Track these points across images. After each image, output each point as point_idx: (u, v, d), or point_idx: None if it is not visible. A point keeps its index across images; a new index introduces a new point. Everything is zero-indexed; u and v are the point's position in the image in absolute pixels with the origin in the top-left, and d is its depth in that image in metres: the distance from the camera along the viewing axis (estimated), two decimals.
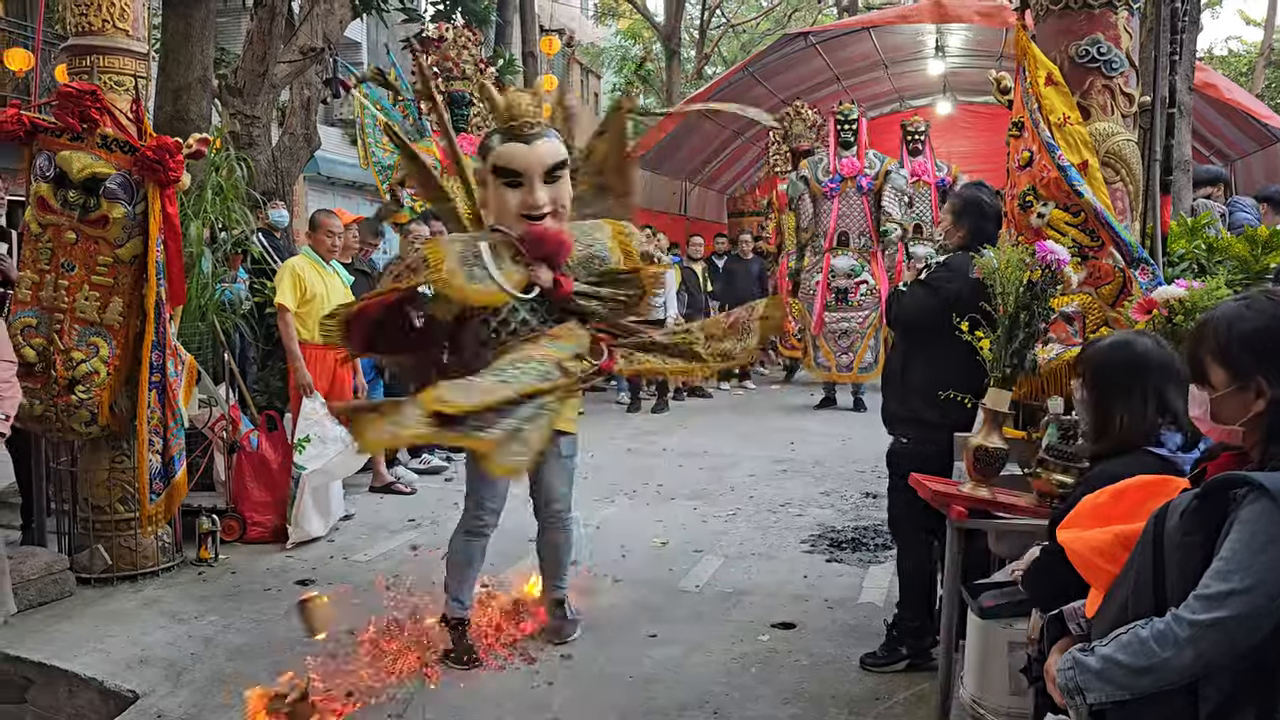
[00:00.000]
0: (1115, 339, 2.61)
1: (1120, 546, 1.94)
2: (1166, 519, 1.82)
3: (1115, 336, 2.67)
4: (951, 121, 15.63)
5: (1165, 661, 1.72)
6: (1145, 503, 1.98)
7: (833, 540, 5.68)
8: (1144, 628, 1.76)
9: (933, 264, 3.97)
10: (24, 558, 4.78)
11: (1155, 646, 1.73)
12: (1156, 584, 1.80)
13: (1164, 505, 1.85)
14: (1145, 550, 1.84)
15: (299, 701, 3.53)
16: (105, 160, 4.75)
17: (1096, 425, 2.52)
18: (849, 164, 10.70)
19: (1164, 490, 2.02)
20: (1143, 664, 1.74)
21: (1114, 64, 3.42)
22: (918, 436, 3.88)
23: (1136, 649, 1.75)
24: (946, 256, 3.92)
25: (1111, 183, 3.39)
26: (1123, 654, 1.77)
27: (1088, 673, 1.81)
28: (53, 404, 4.81)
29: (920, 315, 3.86)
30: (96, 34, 4.88)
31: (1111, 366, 2.50)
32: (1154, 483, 2.10)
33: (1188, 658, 1.70)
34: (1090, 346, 2.64)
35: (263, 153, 8.67)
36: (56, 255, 4.81)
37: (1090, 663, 1.81)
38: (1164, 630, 1.73)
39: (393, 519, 6.25)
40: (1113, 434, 2.45)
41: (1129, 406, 2.43)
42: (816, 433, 9.22)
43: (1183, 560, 1.77)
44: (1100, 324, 3.32)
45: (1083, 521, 2.10)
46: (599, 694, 3.76)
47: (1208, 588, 1.69)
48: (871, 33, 13.67)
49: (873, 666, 3.92)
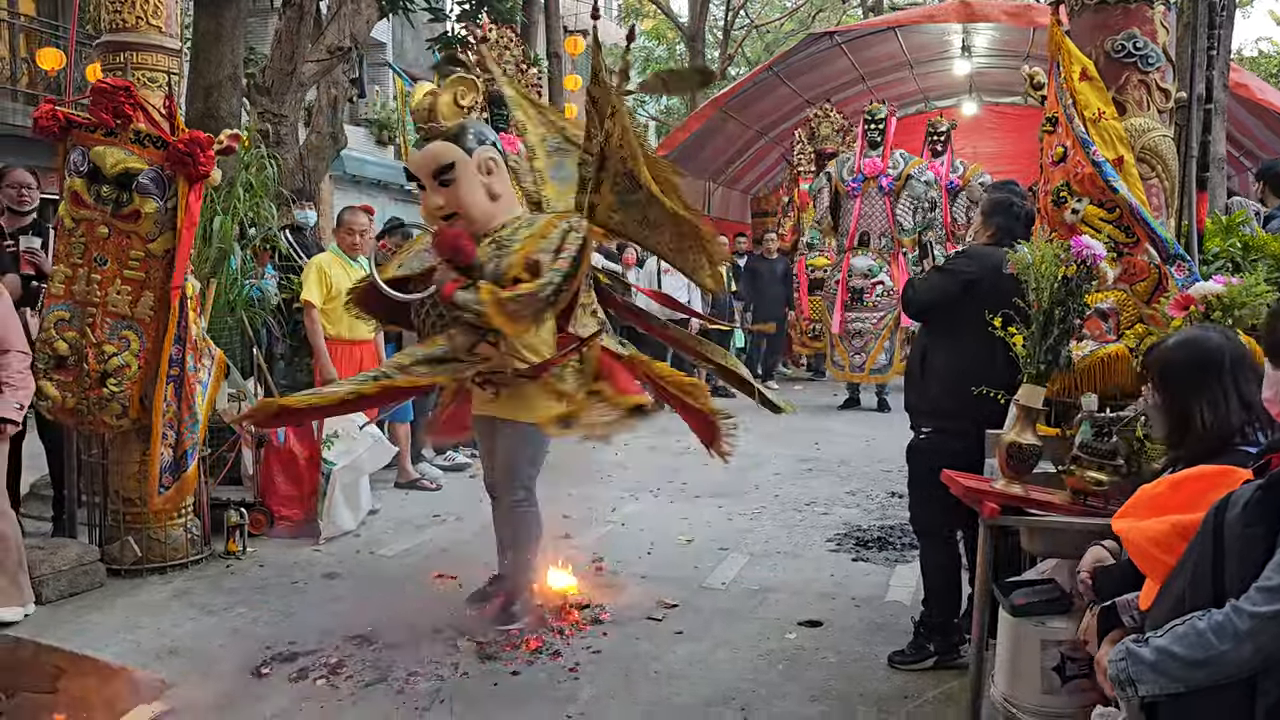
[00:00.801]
0: (1182, 336, 2.48)
1: (1177, 537, 1.89)
2: (1228, 510, 1.78)
3: (1182, 334, 2.53)
4: (977, 122, 15.53)
5: (1223, 654, 1.68)
6: (1205, 493, 1.92)
7: (859, 539, 5.66)
8: (1201, 619, 1.73)
9: (951, 254, 3.98)
10: (55, 549, 4.83)
11: (1213, 639, 1.69)
12: (1216, 575, 1.76)
13: (1225, 496, 1.80)
14: (1205, 541, 1.80)
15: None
16: (138, 155, 4.80)
17: (1173, 428, 2.39)
18: (871, 164, 10.66)
19: (1224, 481, 1.96)
20: (1199, 656, 1.70)
21: (1150, 59, 3.39)
22: (937, 429, 3.87)
23: (1193, 641, 1.72)
24: (965, 247, 3.93)
25: (1147, 179, 3.36)
26: (1178, 646, 1.73)
27: (1141, 664, 1.78)
28: (85, 397, 4.85)
29: (933, 296, 3.86)
30: (130, 30, 4.93)
31: (1182, 364, 2.38)
32: (1215, 473, 2.04)
33: (1247, 651, 1.66)
34: (1156, 346, 2.51)
35: (290, 151, 8.72)
36: (89, 250, 4.86)
37: (1144, 654, 1.78)
38: (1222, 622, 1.69)
39: (418, 514, 6.27)
40: (1195, 435, 2.32)
41: (1208, 404, 2.30)
42: (840, 432, 9.19)
43: (1243, 552, 1.73)
44: (1135, 321, 3.29)
45: (1139, 512, 2.05)
46: (625, 689, 3.76)
47: (1270, 580, 1.65)
48: (897, 32, 13.61)
49: (900, 665, 3.90)
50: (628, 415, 4.09)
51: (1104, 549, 2.45)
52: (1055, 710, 2.97)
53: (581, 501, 6.25)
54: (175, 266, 4.88)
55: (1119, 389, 3.24)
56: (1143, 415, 2.78)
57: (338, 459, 5.72)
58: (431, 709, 3.60)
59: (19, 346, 4.45)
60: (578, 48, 17.04)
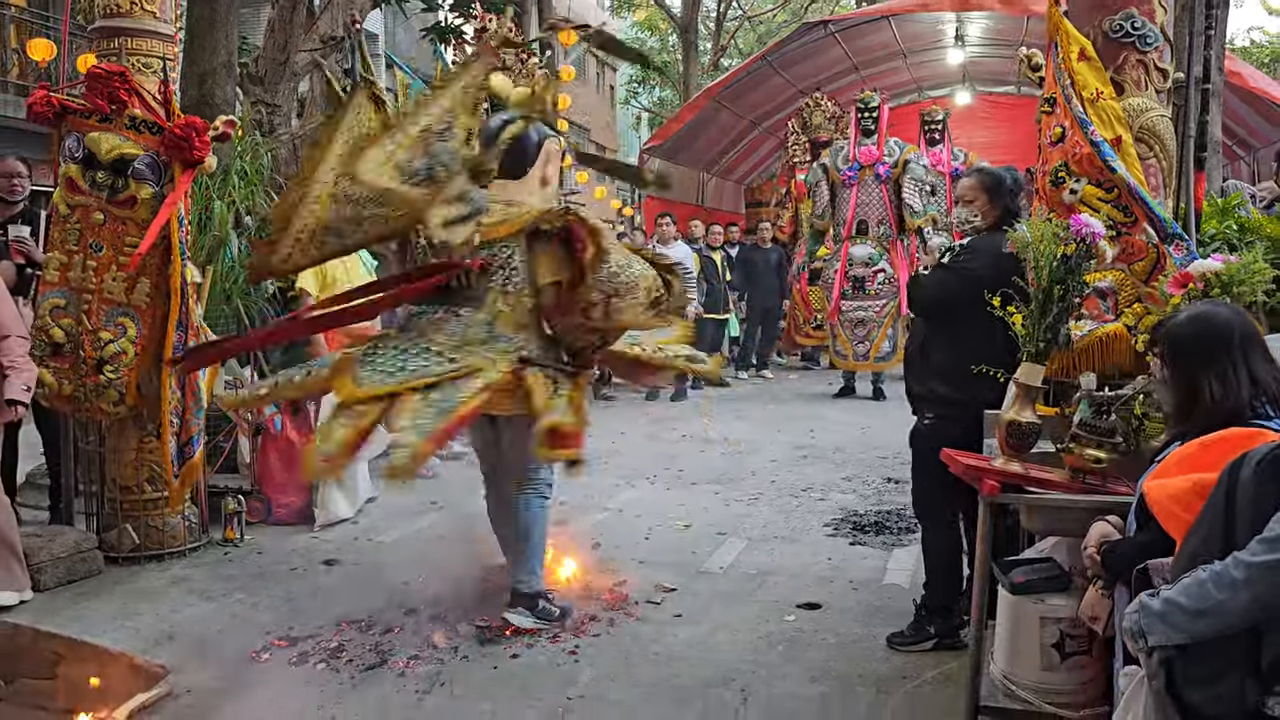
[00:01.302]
0: (1193, 311, 2.47)
1: (1196, 495, 1.90)
2: (1242, 468, 1.80)
3: (1192, 308, 2.52)
4: (971, 112, 15.52)
5: (1221, 604, 1.70)
6: (1234, 454, 1.92)
7: (855, 524, 5.67)
8: (1204, 571, 1.75)
9: (955, 248, 3.96)
10: (53, 536, 4.82)
11: (1212, 588, 1.71)
12: (1227, 531, 1.78)
13: (1242, 455, 1.82)
14: (1218, 498, 1.81)
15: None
16: (133, 141, 4.78)
17: (1182, 402, 2.38)
18: (867, 152, 10.67)
19: (1254, 443, 1.96)
20: (1200, 606, 1.73)
21: (1148, 39, 3.39)
22: (939, 415, 3.87)
23: (1195, 591, 1.74)
24: (969, 239, 3.91)
25: (1145, 158, 3.36)
26: (1183, 597, 1.76)
27: (1151, 615, 1.80)
28: (81, 384, 4.84)
29: (941, 295, 3.85)
30: (125, 16, 4.91)
31: (1192, 339, 2.37)
32: (1244, 435, 2.04)
33: (1243, 600, 1.69)
34: (1166, 321, 2.50)
35: (283, 140, 8.69)
36: (85, 236, 4.84)
37: (1154, 605, 1.81)
38: (1221, 572, 1.71)
39: (414, 502, 6.26)
40: (1203, 409, 2.31)
41: (1216, 378, 2.29)
42: (836, 420, 9.20)
43: (1255, 508, 1.75)
44: (1133, 300, 3.29)
45: (1170, 472, 2.06)
46: (625, 672, 3.77)
47: (1271, 530, 1.68)
48: (891, 21, 13.58)
49: (900, 645, 3.91)
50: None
51: (1109, 524, 2.46)
52: (1054, 687, 2.99)
53: (577, 489, 6.25)
54: (146, 236, 4.73)
55: (1117, 368, 3.25)
56: (1146, 391, 2.79)
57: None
58: (431, 692, 3.61)
59: (18, 331, 4.44)
60: (570, 39, 17.03)
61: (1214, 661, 1.76)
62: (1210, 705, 1.79)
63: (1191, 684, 1.81)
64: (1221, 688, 1.76)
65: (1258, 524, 1.73)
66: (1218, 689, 1.77)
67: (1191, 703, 1.82)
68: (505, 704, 3.52)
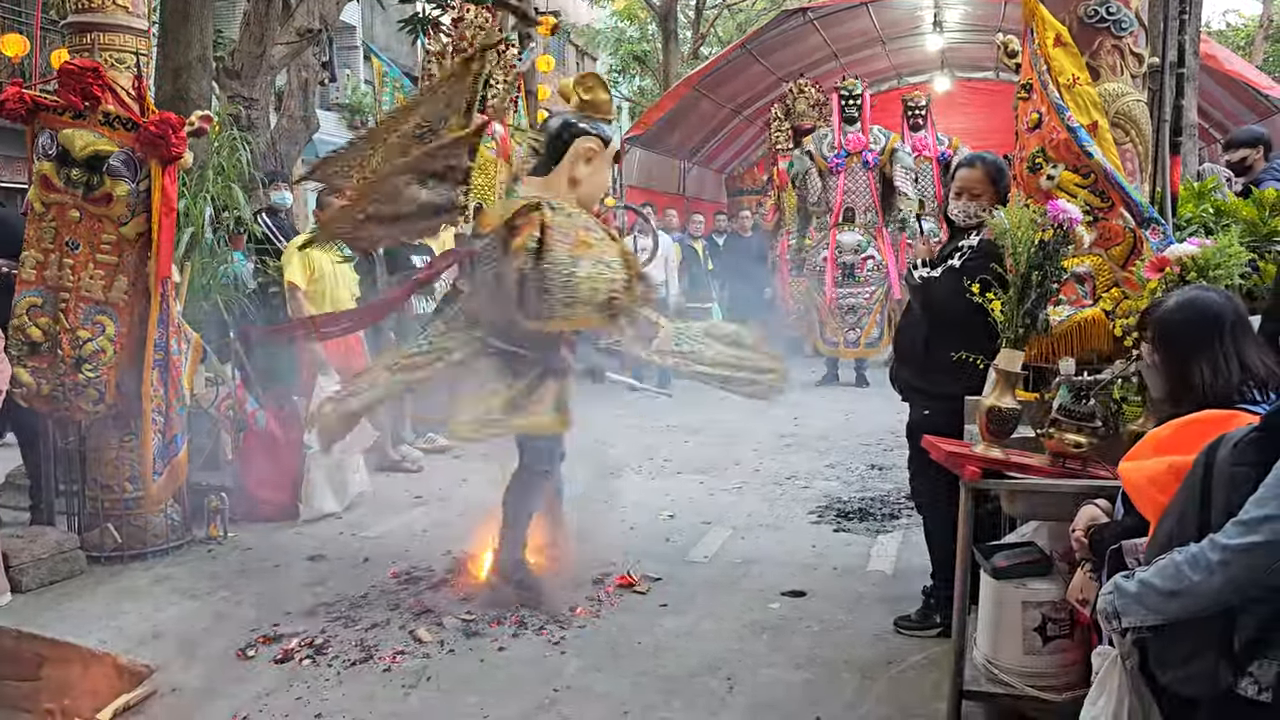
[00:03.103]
0: (1182, 296, 2.45)
1: (1172, 476, 1.90)
2: (1219, 449, 1.80)
3: (1182, 293, 2.50)
4: (950, 98, 15.55)
5: (1195, 585, 1.72)
6: (1209, 436, 1.92)
7: (840, 511, 5.70)
8: (1180, 553, 1.76)
9: (964, 248, 3.86)
10: (34, 536, 4.78)
11: (1187, 570, 1.72)
12: (1202, 512, 1.79)
13: (1219, 437, 1.82)
14: (1194, 479, 1.82)
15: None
16: (108, 138, 4.73)
17: (1172, 387, 2.36)
18: (855, 139, 10.68)
19: (1229, 425, 1.96)
20: (1174, 588, 1.74)
21: (1123, 24, 3.41)
22: (939, 409, 3.84)
23: (1170, 573, 1.75)
24: (978, 240, 3.81)
25: (1121, 143, 3.38)
26: (1158, 578, 1.77)
27: (1126, 596, 1.82)
28: (60, 383, 4.80)
29: (956, 301, 3.75)
30: (97, 11, 4.86)
31: (1182, 323, 2.35)
32: (1220, 418, 2.04)
33: (1217, 582, 1.70)
34: (1156, 306, 2.49)
35: (261, 135, 8.62)
36: (61, 234, 4.80)
37: (1129, 587, 1.82)
38: (1196, 554, 1.73)
39: (400, 497, 6.26)
40: (1195, 394, 2.27)
41: (1207, 363, 2.27)
42: (819, 408, 9.22)
43: (1230, 490, 1.76)
44: (1111, 285, 3.31)
45: (1145, 453, 2.07)
46: (611, 663, 3.78)
47: (1246, 514, 1.69)
48: (869, 8, 13.59)
49: (905, 629, 3.93)
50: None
51: (1097, 508, 2.47)
52: (1037, 670, 3.02)
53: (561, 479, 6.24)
54: (159, 254, 4.80)
55: (1096, 352, 3.27)
56: (1124, 375, 2.80)
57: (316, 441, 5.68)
58: (418, 686, 3.61)
59: None
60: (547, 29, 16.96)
61: (1187, 642, 1.78)
62: (1183, 685, 1.81)
63: (1165, 664, 1.82)
64: (1195, 668, 1.78)
65: (1233, 506, 1.74)
66: (1191, 669, 1.79)
67: (1165, 683, 1.84)
68: (492, 697, 3.52)
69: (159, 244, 4.82)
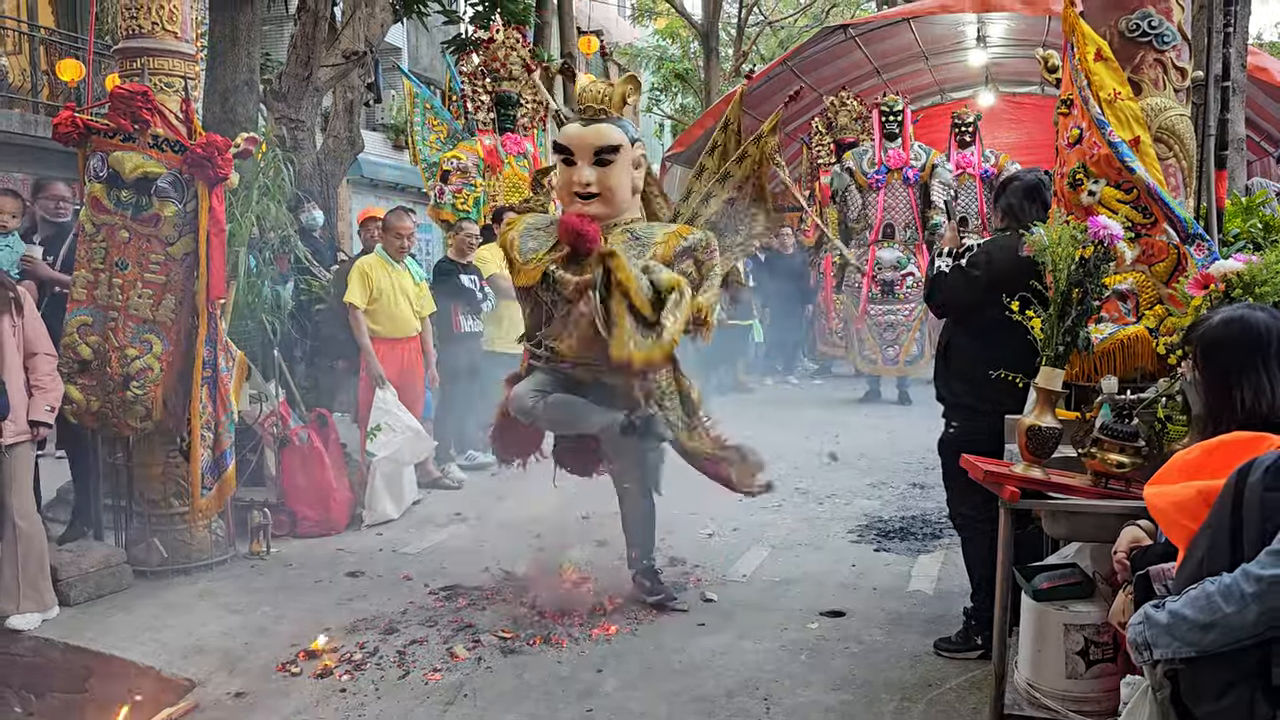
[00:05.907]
0: (1226, 314, 2.39)
1: (1202, 502, 1.85)
2: (1250, 474, 1.75)
3: (1226, 311, 2.44)
4: (995, 113, 15.40)
5: (1228, 618, 1.67)
6: (1238, 459, 1.88)
7: (880, 530, 5.64)
8: (1212, 583, 1.71)
9: (971, 246, 3.91)
10: (82, 551, 4.88)
11: (1220, 601, 1.68)
12: (1234, 539, 1.74)
13: (1249, 461, 1.77)
14: (1225, 505, 1.77)
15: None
16: (156, 160, 4.84)
17: (1213, 407, 2.31)
18: (895, 155, 10.62)
19: (1258, 448, 1.92)
20: (1207, 619, 1.69)
21: (1165, 38, 3.36)
22: (964, 421, 3.83)
23: (1203, 604, 1.70)
24: (981, 240, 3.89)
25: (1164, 158, 3.32)
26: (1189, 609, 1.72)
27: (1156, 628, 1.77)
28: (108, 400, 4.90)
29: (952, 297, 3.83)
30: (146, 36, 4.98)
31: (1226, 342, 2.30)
32: (1249, 440, 1.99)
33: (1251, 614, 1.65)
34: (1199, 323, 2.44)
35: (307, 156, 8.77)
36: (110, 254, 4.91)
37: (1159, 618, 1.77)
38: (1230, 585, 1.68)
39: (439, 513, 6.30)
40: (1234, 414, 2.22)
41: (1249, 384, 2.22)
42: (861, 425, 9.15)
43: (1262, 515, 1.71)
44: (1154, 302, 3.26)
45: (1172, 478, 2.01)
46: (647, 681, 3.76)
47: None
48: (911, 24, 13.52)
49: (946, 651, 3.87)
50: None
51: (1140, 529, 2.41)
52: (1079, 695, 2.95)
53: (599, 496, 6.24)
54: (211, 274, 4.95)
55: (1139, 371, 3.21)
56: (1168, 394, 2.75)
57: (379, 450, 5.98)
58: (455, 703, 3.62)
59: (46, 349, 4.53)
60: (591, 47, 17.09)
61: (1222, 675, 1.73)
62: (1218, 719, 1.76)
63: (1198, 697, 1.77)
64: (1230, 701, 1.73)
65: (1266, 532, 1.69)
66: (1226, 703, 1.73)
67: (1200, 716, 1.78)
68: (528, 714, 3.52)
69: (208, 263, 4.92)
